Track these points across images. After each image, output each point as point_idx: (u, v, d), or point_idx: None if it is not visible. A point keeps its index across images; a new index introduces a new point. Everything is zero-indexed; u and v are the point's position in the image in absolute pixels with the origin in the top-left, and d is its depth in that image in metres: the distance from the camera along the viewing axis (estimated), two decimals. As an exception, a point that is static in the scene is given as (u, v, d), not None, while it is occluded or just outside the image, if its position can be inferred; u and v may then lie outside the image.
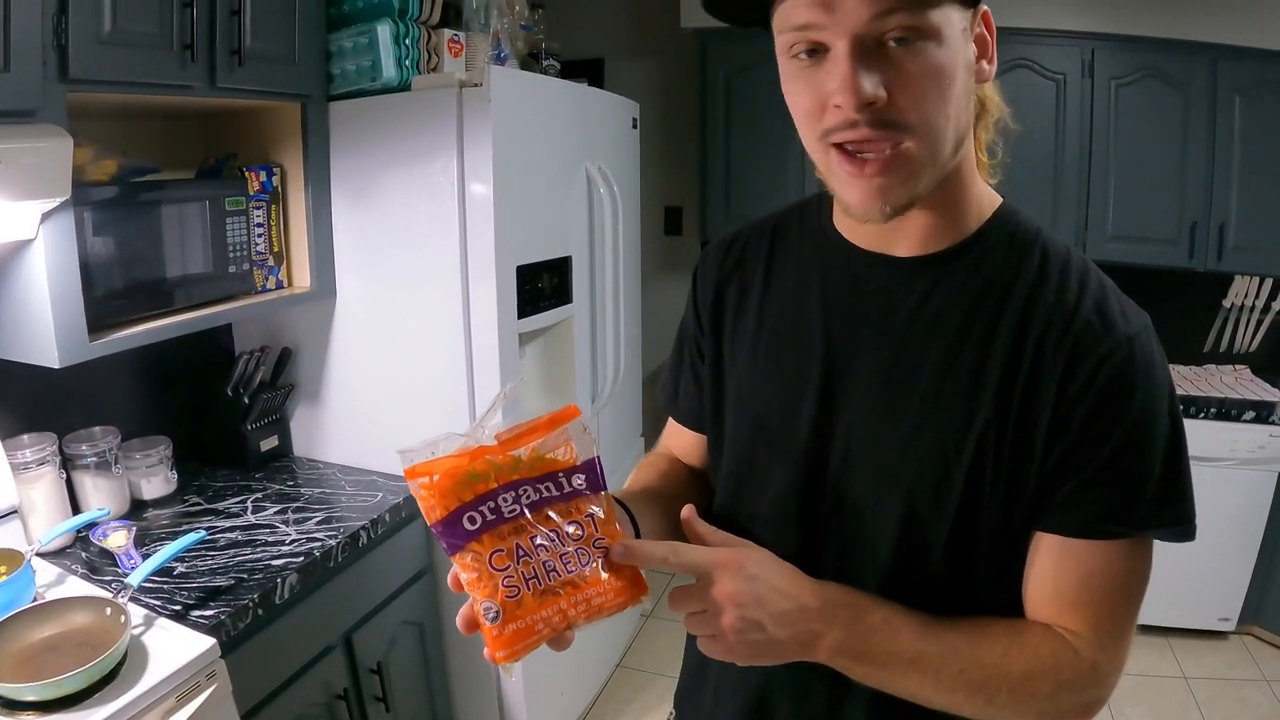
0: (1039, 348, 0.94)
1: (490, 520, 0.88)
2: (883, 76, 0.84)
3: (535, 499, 0.89)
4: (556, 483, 0.90)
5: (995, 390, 0.94)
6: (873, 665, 0.95)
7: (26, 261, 1.84)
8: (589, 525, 0.90)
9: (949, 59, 0.86)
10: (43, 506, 2.12)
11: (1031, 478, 0.94)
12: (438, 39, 2.55)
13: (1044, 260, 0.99)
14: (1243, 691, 3.40)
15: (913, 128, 0.87)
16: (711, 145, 4.07)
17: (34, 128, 1.69)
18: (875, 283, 1.04)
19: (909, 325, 1.00)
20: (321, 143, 2.52)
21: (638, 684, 3.47)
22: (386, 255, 2.56)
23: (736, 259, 1.21)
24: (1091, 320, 0.93)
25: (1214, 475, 3.53)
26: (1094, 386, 0.91)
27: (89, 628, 1.68)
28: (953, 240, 1.01)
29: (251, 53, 2.15)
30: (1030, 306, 0.96)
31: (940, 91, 0.87)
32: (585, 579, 0.88)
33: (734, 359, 1.18)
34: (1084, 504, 0.93)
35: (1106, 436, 0.91)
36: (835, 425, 1.04)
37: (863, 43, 0.84)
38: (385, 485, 2.57)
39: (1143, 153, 3.68)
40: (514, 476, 0.89)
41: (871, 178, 0.89)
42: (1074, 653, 0.95)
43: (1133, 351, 0.92)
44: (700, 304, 1.25)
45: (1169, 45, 3.56)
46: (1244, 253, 3.68)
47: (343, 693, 2.22)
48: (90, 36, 1.79)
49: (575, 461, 0.91)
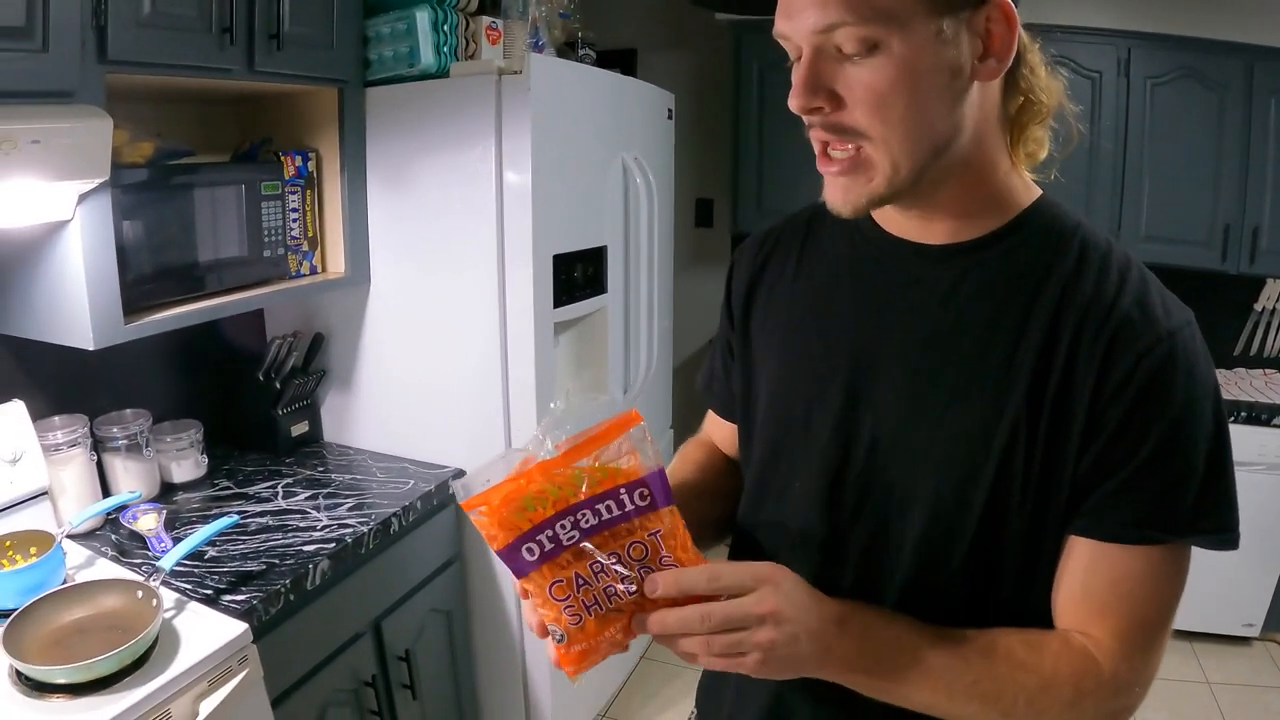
0: (1075, 340, 0.91)
1: (549, 550, 0.87)
2: (838, 85, 0.89)
3: (594, 523, 0.88)
4: (618, 501, 0.88)
5: (1028, 383, 0.92)
6: (884, 680, 0.94)
7: (62, 243, 1.84)
8: (652, 544, 0.89)
9: (911, 67, 0.86)
10: (73, 488, 2.13)
11: (1065, 478, 0.92)
12: (476, 26, 2.54)
13: (1083, 251, 0.96)
14: (1266, 698, 3.38)
15: (868, 134, 0.89)
16: (744, 138, 4.05)
17: (73, 108, 1.69)
18: (905, 270, 1.03)
19: (939, 314, 0.99)
20: (358, 128, 2.52)
21: (663, 676, 3.46)
22: (422, 242, 2.56)
23: (769, 253, 1.22)
24: (1131, 313, 0.90)
25: (1242, 480, 3.33)
26: (1132, 383, 0.88)
27: (120, 610, 1.67)
28: (986, 230, 0.99)
29: (290, 37, 2.14)
30: (1066, 296, 0.93)
31: (897, 100, 0.87)
32: (649, 597, 0.89)
33: (765, 351, 1.17)
34: (1120, 507, 0.90)
35: (1145, 436, 0.88)
36: (862, 416, 1.02)
37: (821, 51, 0.88)
38: (416, 472, 2.57)
39: (1177, 153, 3.65)
40: (573, 499, 0.87)
41: (836, 176, 0.94)
42: (1096, 662, 0.92)
43: (1174, 347, 0.89)
44: (734, 300, 1.25)
45: (1206, 45, 3.52)
46: (1277, 256, 3.65)
47: (370, 679, 2.22)
48: (129, 18, 1.78)
49: (639, 473, 0.89)
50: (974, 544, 0.96)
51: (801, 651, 0.89)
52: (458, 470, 2.60)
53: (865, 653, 0.93)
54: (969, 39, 0.88)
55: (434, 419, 2.66)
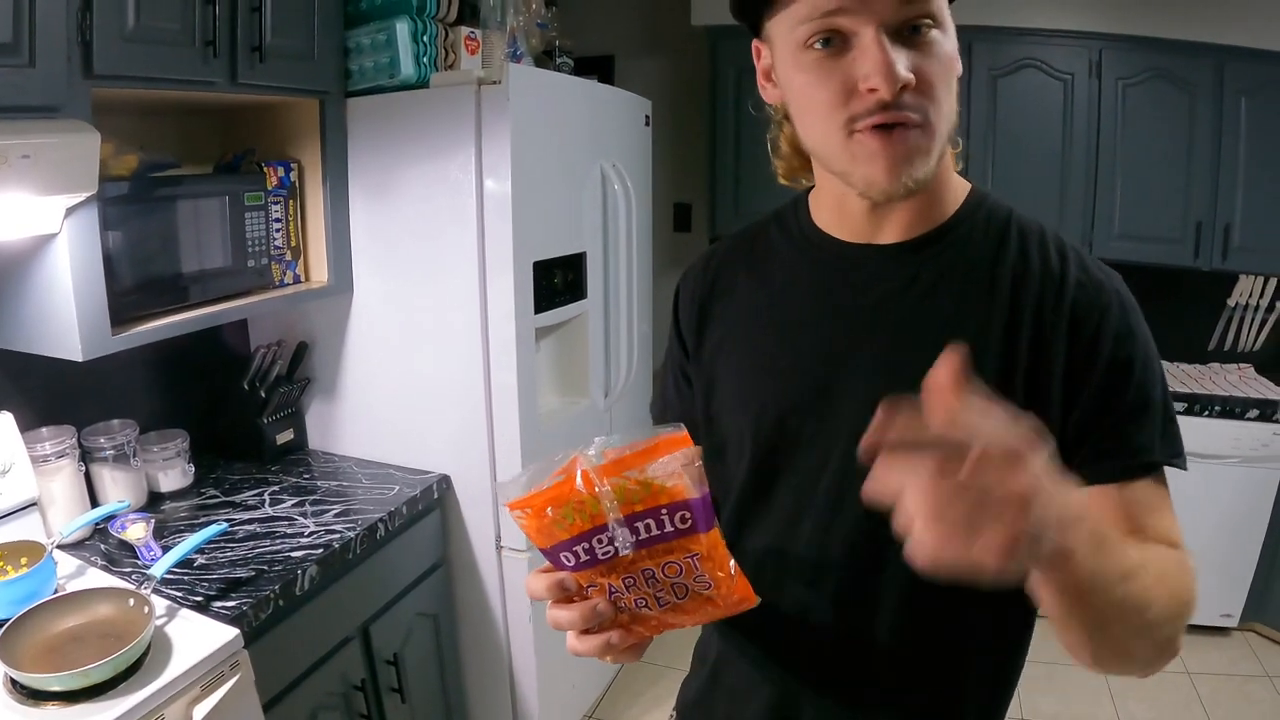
0: (1037, 316, 0.98)
1: (585, 560, 0.88)
2: (909, 61, 0.89)
3: (632, 540, 0.87)
4: (658, 520, 0.86)
5: (1000, 359, 0.98)
6: (1096, 578, 0.79)
7: (50, 255, 1.85)
8: (688, 565, 0.88)
9: (952, 46, 0.93)
10: (62, 499, 2.14)
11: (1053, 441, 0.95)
12: (455, 36, 2.57)
13: (1021, 235, 1.04)
14: (1245, 687, 3.43)
15: (930, 107, 0.91)
16: (721, 142, 4.09)
17: (61, 122, 1.71)
18: (864, 270, 1.07)
19: (901, 306, 1.04)
20: (339, 138, 2.54)
21: (648, 677, 3.48)
22: (404, 250, 2.58)
23: (715, 275, 1.23)
24: (1082, 281, 0.99)
25: (1217, 473, 3.55)
26: (1103, 339, 0.97)
27: (112, 619, 1.69)
28: (932, 225, 1.05)
29: (272, 49, 2.17)
30: (1018, 278, 1.00)
31: (949, 75, 0.93)
32: (679, 607, 0.90)
33: (726, 369, 1.18)
34: (1115, 451, 0.98)
35: (1127, 381, 0.97)
36: (838, 411, 1.05)
37: (890, 29, 0.88)
38: (401, 478, 2.59)
39: (1149, 153, 3.71)
40: (617, 512, 0.85)
41: (899, 150, 0.91)
42: (1184, 559, 0.97)
43: (1124, 301, 0.99)
44: (684, 325, 1.26)
45: (1176, 46, 3.58)
46: (1249, 252, 3.71)
47: (360, 683, 2.24)
48: (114, 33, 1.80)
49: (684, 495, 0.86)
50: None
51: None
52: (442, 475, 2.62)
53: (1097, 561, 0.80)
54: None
55: (418, 425, 2.68)
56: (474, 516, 2.67)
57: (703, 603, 0.90)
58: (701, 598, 0.90)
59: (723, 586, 0.89)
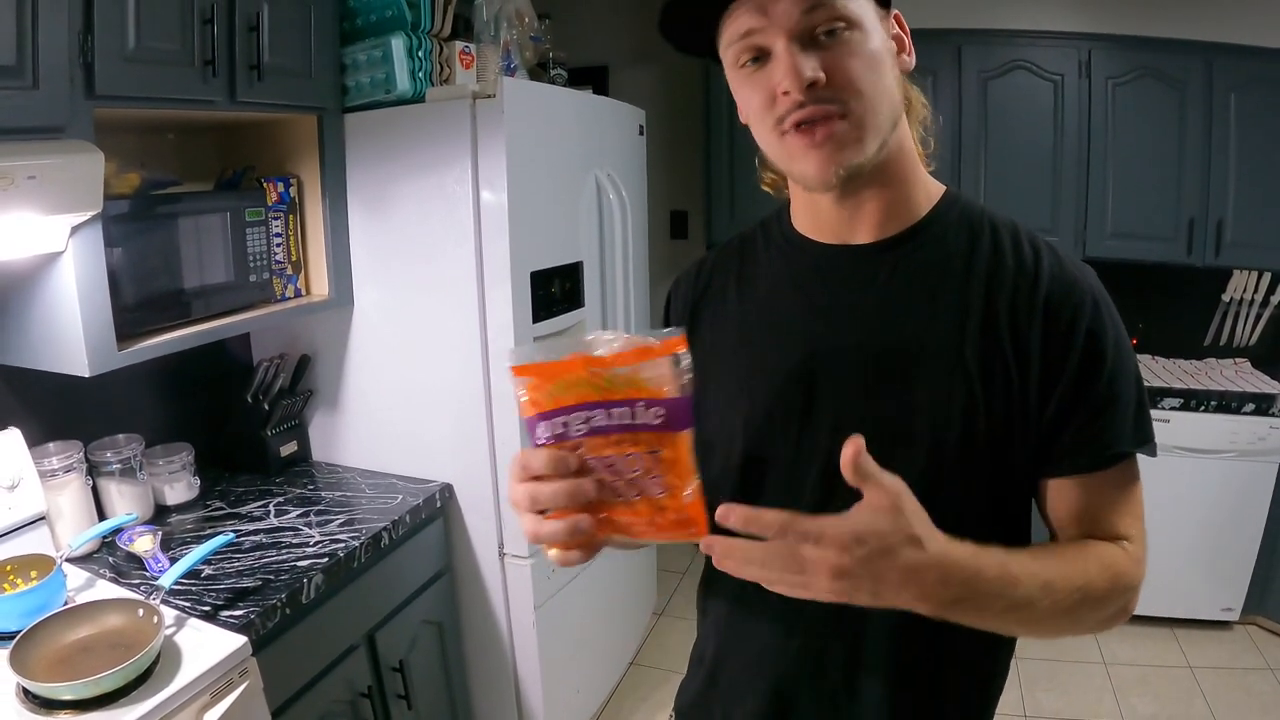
0: (1013, 311, 1.03)
1: (558, 434, 0.92)
2: (820, 62, 0.96)
3: (604, 424, 0.91)
4: (633, 409, 0.91)
5: (978, 351, 1.02)
6: (972, 615, 0.95)
7: (56, 273, 1.88)
8: (648, 463, 0.92)
9: (875, 45, 1.00)
10: (70, 513, 2.17)
11: (1030, 426, 1.03)
12: (449, 51, 2.60)
13: (994, 232, 1.09)
14: (1247, 680, 3.44)
15: (850, 99, 0.98)
16: (716, 150, 4.13)
17: (66, 143, 1.74)
18: (841, 271, 1.12)
19: (880, 302, 1.08)
20: (337, 154, 2.57)
21: (652, 681, 3.50)
22: (403, 263, 2.61)
23: (707, 281, 1.28)
24: (1056, 276, 1.04)
25: (1216, 467, 3.57)
26: (1076, 335, 1.01)
27: (122, 629, 1.71)
28: (904, 224, 1.10)
29: (270, 67, 2.20)
30: (993, 273, 1.05)
31: (872, 69, 0.99)
32: (632, 506, 0.93)
33: (716, 371, 1.21)
34: (1092, 442, 1.03)
35: (1097, 376, 1.01)
36: (823, 406, 1.09)
37: (798, 38, 0.97)
38: (404, 488, 2.61)
39: (1140, 151, 3.73)
40: (596, 396, 0.91)
41: (822, 144, 0.99)
42: (1126, 554, 1.04)
43: (1097, 298, 1.03)
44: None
45: (1165, 44, 3.61)
46: (1241, 248, 3.73)
47: (367, 690, 2.27)
48: (115, 54, 1.84)
49: (663, 394, 0.91)
50: (948, 509, 1.03)
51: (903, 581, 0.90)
52: (445, 484, 2.65)
53: (972, 600, 0.93)
54: (889, 35, 1.04)
55: (419, 435, 2.71)
56: (477, 524, 2.69)
57: (654, 510, 0.93)
58: (654, 503, 0.93)
59: (676, 496, 0.92)
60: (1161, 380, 3.83)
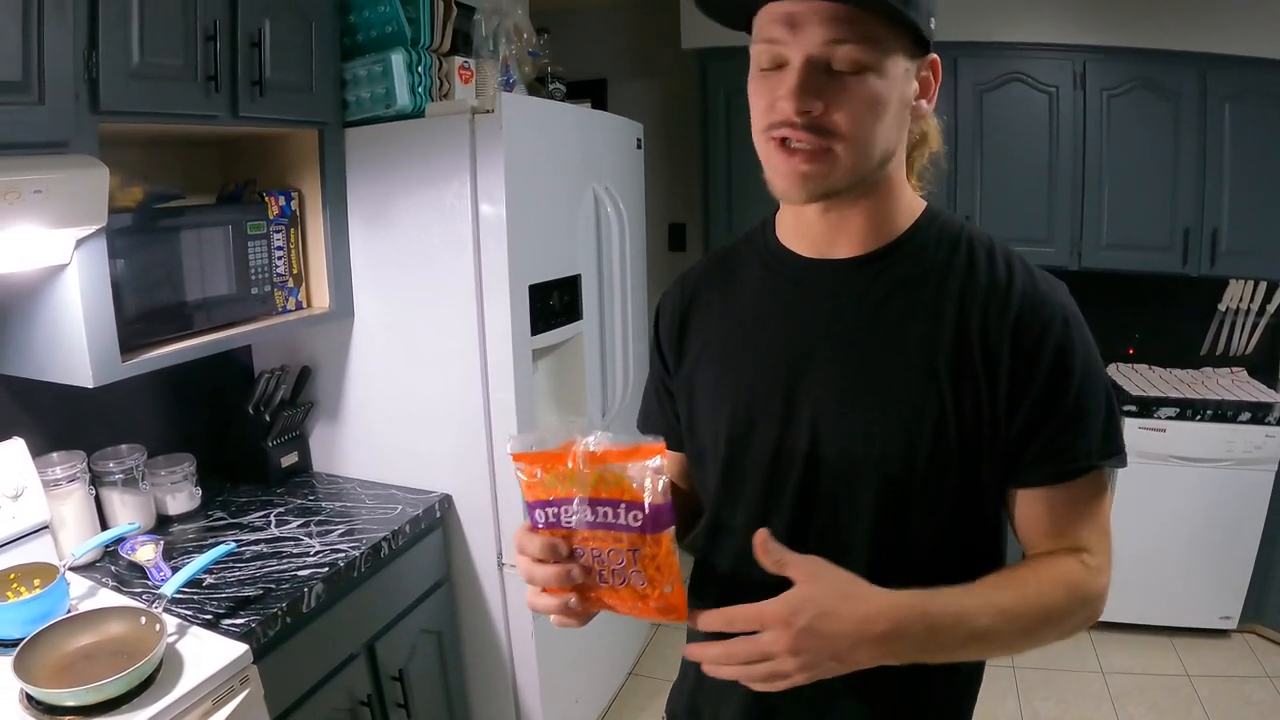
0: (984, 326, 1.06)
1: (551, 522, 1.02)
2: (826, 94, 0.99)
3: (591, 520, 1.01)
4: (615, 511, 1.00)
5: (949, 363, 1.06)
6: (938, 654, 1.02)
7: (61, 286, 1.90)
8: (629, 558, 1.01)
9: (886, 92, 1.02)
10: (73, 522, 2.19)
11: (999, 436, 1.06)
12: (449, 66, 2.64)
13: (970, 248, 1.12)
14: (1244, 688, 3.44)
15: (843, 137, 1.01)
16: (713, 162, 4.16)
17: (71, 158, 1.77)
18: (822, 284, 1.16)
19: (857, 314, 1.12)
20: (338, 168, 2.60)
21: (650, 691, 3.51)
22: (403, 276, 2.64)
23: (691, 294, 1.32)
24: (1027, 293, 1.07)
25: (1212, 476, 3.59)
26: (1044, 351, 1.04)
27: (124, 636, 1.73)
28: (885, 240, 1.13)
29: (271, 83, 2.23)
30: (966, 288, 1.09)
31: (874, 114, 1.01)
32: (616, 591, 1.03)
33: (704, 380, 1.26)
34: (1059, 454, 1.06)
35: (1064, 391, 1.05)
36: (801, 413, 1.13)
37: (814, 63, 0.99)
38: (403, 498, 2.63)
39: (1135, 161, 3.76)
40: (586, 493, 1.00)
41: (797, 166, 1.03)
42: (1084, 566, 1.08)
43: (1067, 315, 1.06)
44: (665, 342, 1.35)
45: (1158, 56, 3.64)
46: (1237, 257, 3.75)
47: (366, 699, 2.28)
48: (119, 69, 1.86)
49: (641, 499, 0.99)
50: (921, 517, 1.09)
51: (847, 661, 0.98)
52: (444, 495, 2.67)
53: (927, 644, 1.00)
54: (914, 82, 1.08)
55: (419, 446, 2.73)
56: (476, 535, 2.71)
57: (636, 598, 1.03)
58: (636, 591, 1.02)
59: (657, 587, 1.01)
60: (1158, 390, 3.84)
